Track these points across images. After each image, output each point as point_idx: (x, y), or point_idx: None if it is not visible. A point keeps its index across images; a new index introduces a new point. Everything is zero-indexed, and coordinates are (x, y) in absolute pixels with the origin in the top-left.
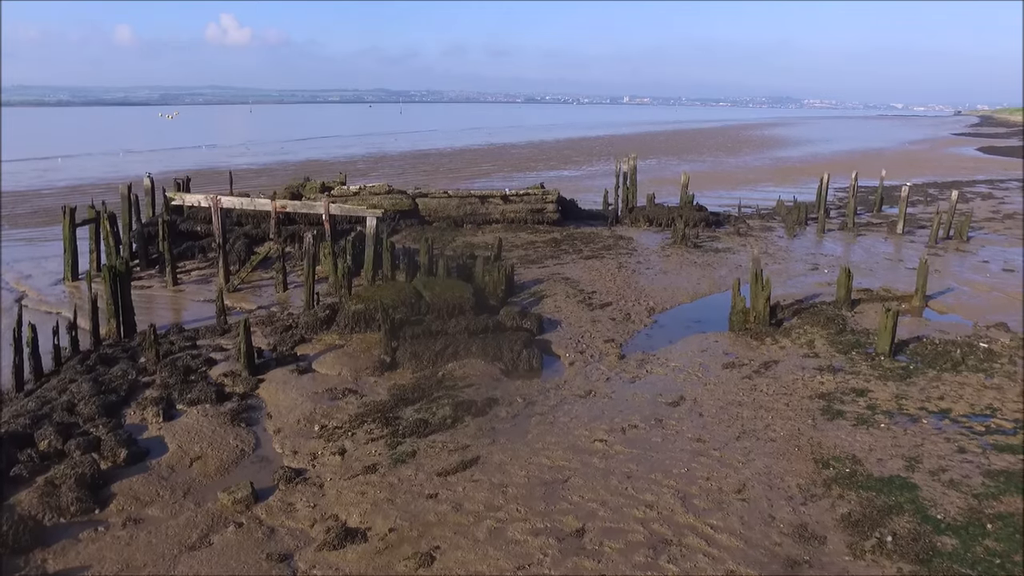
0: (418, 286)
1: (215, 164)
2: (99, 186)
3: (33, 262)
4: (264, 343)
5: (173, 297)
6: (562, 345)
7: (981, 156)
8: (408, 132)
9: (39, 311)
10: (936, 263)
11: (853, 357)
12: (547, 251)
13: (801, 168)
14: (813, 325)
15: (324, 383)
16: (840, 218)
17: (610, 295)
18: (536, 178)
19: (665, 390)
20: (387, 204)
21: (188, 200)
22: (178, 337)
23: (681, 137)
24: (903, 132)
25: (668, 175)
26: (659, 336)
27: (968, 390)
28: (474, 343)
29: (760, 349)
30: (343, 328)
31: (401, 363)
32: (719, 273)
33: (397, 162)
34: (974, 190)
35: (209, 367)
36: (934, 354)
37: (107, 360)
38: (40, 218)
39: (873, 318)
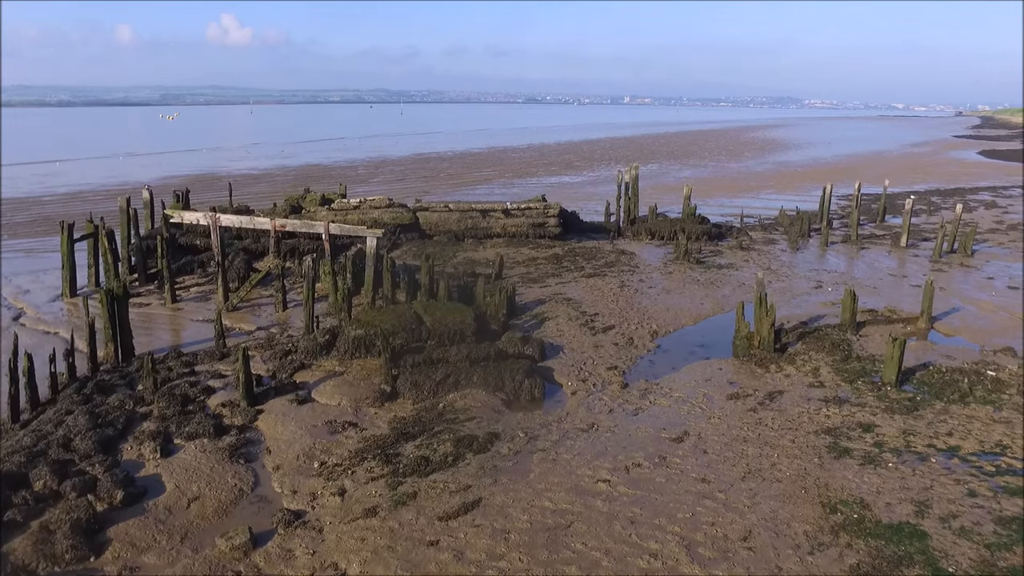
0: (419, 310)
1: (215, 168)
2: (99, 192)
3: (32, 276)
4: (263, 369)
5: (172, 316)
6: (564, 373)
7: (983, 161)
8: (408, 134)
9: (37, 330)
10: (941, 280)
11: (859, 387)
12: (549, 268)
13: (803, 173)
14: (818, 351)
15: (324, 414)
16: (843, 229)
17: (612, 317)
18: (537, 184)
19: (669, 424)
20: (387, 218)
21: (187, 218)
22: (176, 363)
23: (682, 140)
24: (904, 134)
25: (670, 181)
26: (662, 362)
27: (977, 424)
28: (475, 372)
29: (765, 378)
30: (343, 354)
31: (402, 393)
32: (722, 292)
33: (397, 167)
34: (977, 198)
35: (207, 396)
36: (941, 383)
37: (104, 388)
38: (39, 227)
39: (879, 342)
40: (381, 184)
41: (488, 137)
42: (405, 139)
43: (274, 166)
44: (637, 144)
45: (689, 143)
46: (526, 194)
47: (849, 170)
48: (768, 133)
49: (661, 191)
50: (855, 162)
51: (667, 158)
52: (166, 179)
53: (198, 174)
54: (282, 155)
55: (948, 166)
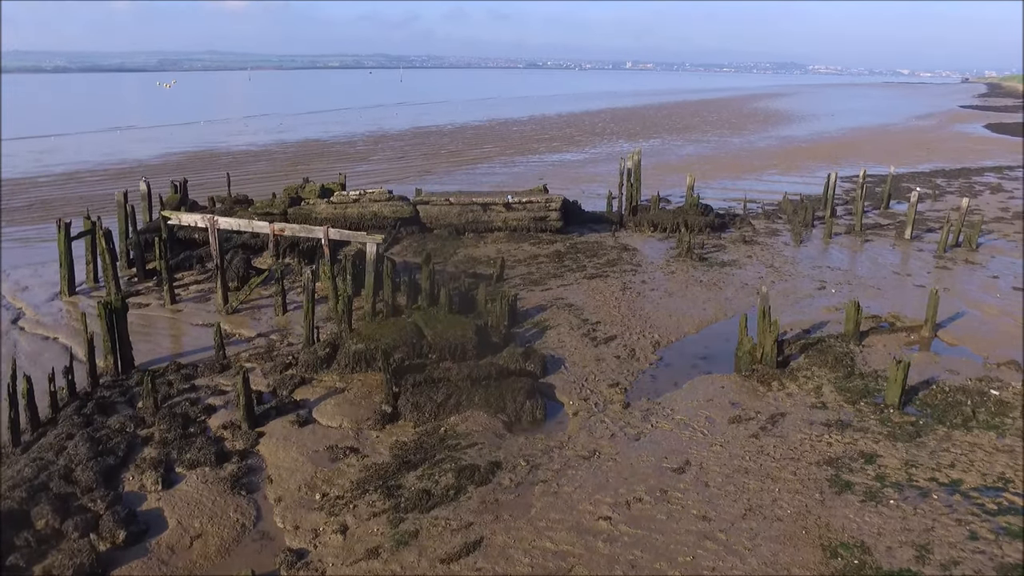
0: (419, 322)
1: (214, 144)
2: (97, 172)
3: (30, 269)
4: (264, 384)
5: (171, 320)
6: (566, 390)
7: (989, 136)
8: (408, 104)
9: (36, 334)
10: (945, 279)
11: (862, 409)
12: (550, 268)
13: (807, 150)
14: (821, 366)
15: (325, 438)
16: (847, 217)
17: (614, 325)
18: (539, 162)
19: (670, 451)
20: (388, 212)
21: (185, 220)
22: (176, 376)
23: (684, 111)
24: (909, 104)
25: (672, 159)
26: (664, 378)
27: (979, 454)
28: (476, 393)
29: (767, 397)
30: (343, 367)
31: (403, 414)
32: (725, 294)
33: (397, 143)
34: (983, 180)
35: (208, 416)
36: (944, 405)
37: (104, 407)
38: (36, 213)
39: (882, 353)
40: (381, 162)
41: (488, 107)
42: (404, 110)
43: (272, 141)
44: (639, 116)
45: (691, 115)
46: (528, 173)
47: (853, 146)
48: (771, 103)
49: (664, 171)
50: (859, 137)
51: (669, 132)
52: (164, 156)
53: (196, 151)
54: (280, 128)
55: (954, 142)
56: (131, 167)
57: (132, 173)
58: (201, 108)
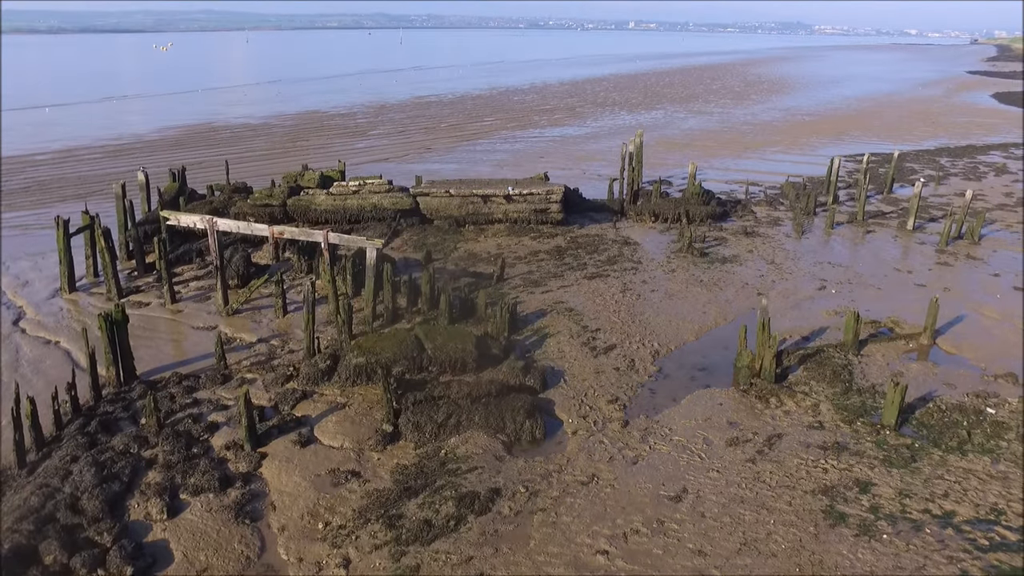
0: (419, 334)
1: (212, 117)
2: (94, 149)
3: (30, 260)
4: (265, 398)
5: (171, 323)
6: (565, 407)
7: (996, 107)
8: (407, 70)
9: (38, 338)
10: (946, 276)
11: (858, 429)
12: (550, 266)
13: (811, 125)
14: (819, 380)
15: (327, 460)
16: (850, 202)
17: (614, 333)
18: (539, 138)
19: (668, 478)
20: (387, 203)
21: (184, 221)
22: (178, 389)
23: (688, 78)
24: (916, 69)
25: (675, 134)
26: (663, 392)
27: (973, 482)
28: (477, 412)
29: (764, 415)
30: (344, 380)
31: (403, 433)
32: (725, 295)
33: (397, 114)
34: (988, 160)
35: (211, 434)
36: (941, 426)
37: (107, 425)
38: (34, 196)
39: (881, 363)
40: (381, 138)
41: (489, 74)
42: (404, 77)
43: (271, 113)
44: (642, 84)
45: (694, 82)
46: (528, 150)
47: (857, 119)
48: (775, 68)
49: (666, 147)
50: (864, 108)
51: (672, 103)
52: (162, 131)
53: (195, 124)
54: (279, 98)
55: (960, 115)
56: (129, 143)
57: (130, 149)
58: (199, 74)
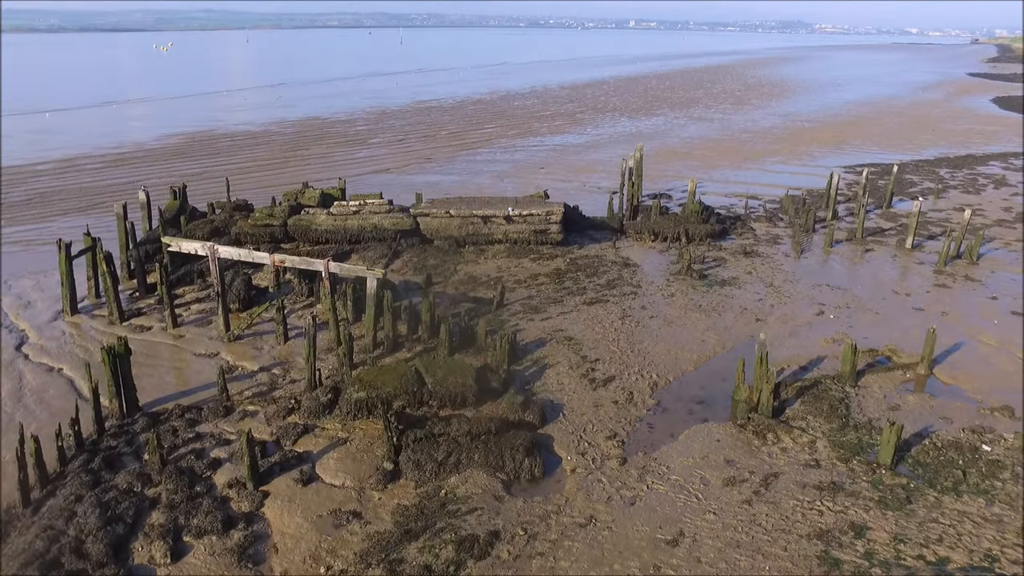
0: (420, 368)
1: (213, 123)
2: (94, 158)
3: (32, 279)
4: (267, 432)
5: (173, 349)
6: (564, 443)
7: (996, 113)
8: (408, 72)
9: (41, 365)
10: (944, 299)
11: (854, 468)
12: (550, 290)
13: (810, 133)
14: (816, 415)
15: (328, 499)
16: (849, 217)
17: (613, 363)
18: (539, 146)
19: (665, 520)
20: (388, 223)
21: (185, 247)
22: (180, 423)
23: (688, 81)
24: (916, 71)
25: (675, 143)
26: (661, 427)
27: (968, 525)
28: (476, 450)
29: (761, 453)
30: (345, 415)
31: (404, 472)
32: (724, 321)
33: (397, 121)
34: (987, 171)
35: (214, 471)
36: (936, 464)
37: (111, 461)
38: (36, 209)
39: (878, 395)
40: (380, 146)
41: (490, 77)
42: (405, 80)
43: (272, 120)
44: (642, 87)
45: (695, 85)
46: (528, 160)
47: (857, 126)
48: (775, 70)
49: (666, 157)
50: (864, 114)
51: (672, 108)
52: (163, 139)
53: (195, 131)
54: (280, 103)
55: (960, 121)
56: (129, 151)
57: (131, 159)
58: (199, 76)
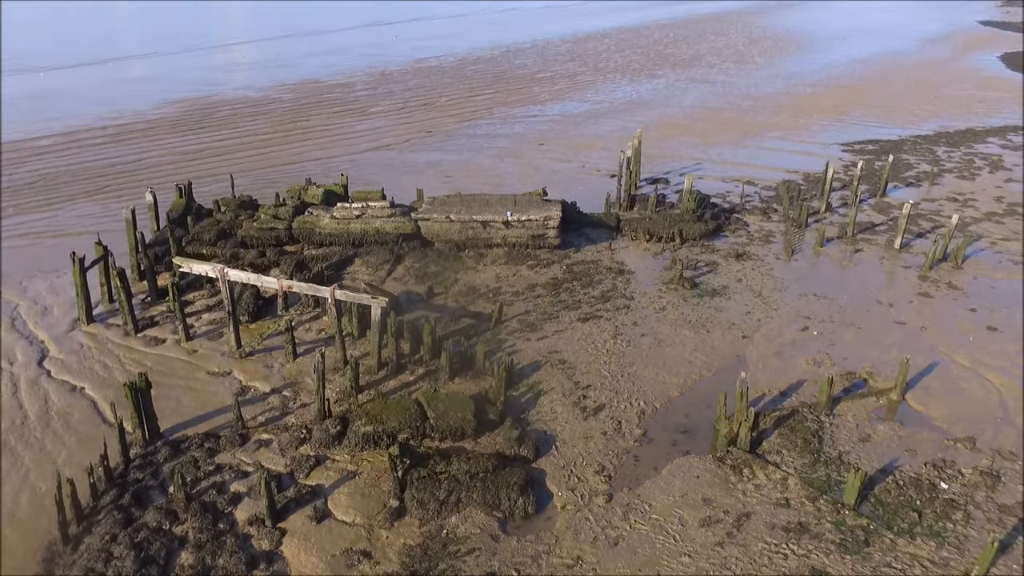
0: (422, 401)
1: (211, 87)
2: (95, 131)
3: (46, 281)
4: (281, 463)
5: (188, 366)
6: (555, 479)
7: (1001, 75)
8: (406, 21)
9: (63, 382)
10: (925, 311)
11: (820, 508)
12: (546, 304)
13: (812, 100)
14: (791, 449)
15: (340, 537)
16: (842, 208)
17: (604, 390)
18: (539, 117)
19: (645, 562)
20: (390, 227)
21: (196, 269)
22: (200, 452)
23: (692, 32)
24: (924, 21)
25: (675, 114)
26: (646, 459)
27: (917, 570)
28: (475, 488)
29: (737, 490)
30: (353, 446)
31: (409, 509)
32: (712, 339)
33: (397, 85)
34: (985, 151)
35: (235, 507)
36: (896, 504)
37: (139, 497)
38: (42, 195)
39: (851, 425)
40: (381, 117)
41: (492, 26)
42: (404, 32)
43: (270, 84)
44: (644, 41)
45: (698, 38)
46: (528, 132)
47: (859, 92)
48: (782, 19)
49: (666, 132)
50: (868, 74)
51: (673, 67)
52: (161, 107)
53: (195, 98)
54: (278, 62)
55: (963, 85)
56: (129, 123)
57: (131, 132)
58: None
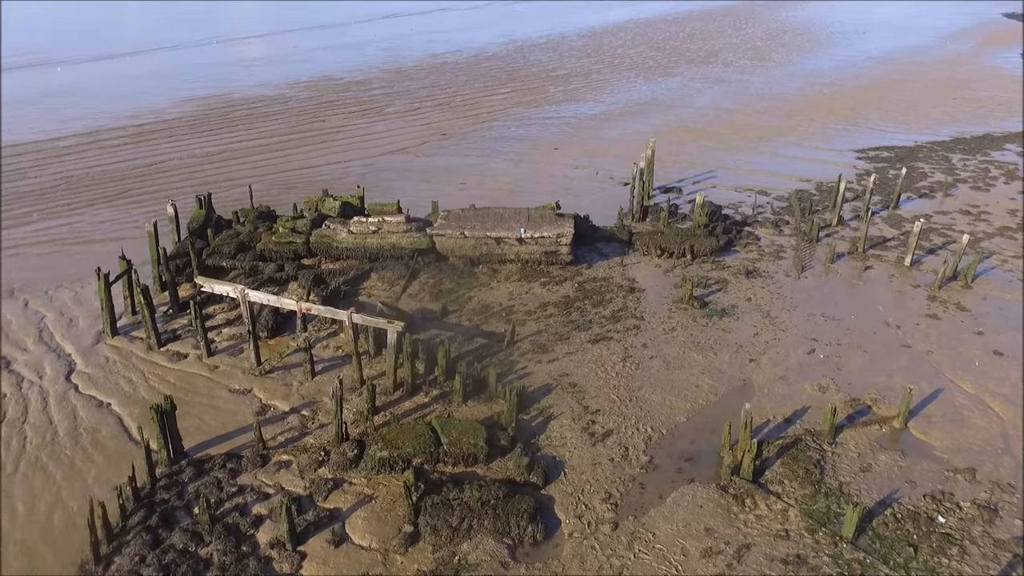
0: (436, 427)
1: (228, 85)
2: (115, 131)
3: (71, 290)
4: (300, 485)
5: (209, 383)
6: (563, 506)
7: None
8: (419, 13)
9: (90, 398)
10: (932, 334)
11: (819, 540)
12: (558, 324)
13: (828, 101)
14: (792, 479)
15: (357, 563)
16: (854, 220)
17: (612, 415)
18: (554, 118)
19: None
20: (405, 243)
21: (218, 289)
22: (223, 473)
23: (708, 26)
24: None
25: (690, 115)
26: (652, 486)
27: None
28: (486, 515)
29: (738, 521)
30: (370, 470)
31: (423, 535)
32: (719, 361)
33: (412, 83)
34: (1002, 158)
35: (256, 529)
36: (893, 538)
37: (166, 518)
38: (64, 199)
39: (853, 454)
40: (396, 118)
41: (506, 19)
42: (419, 24)
43: (286, 82)
44: (660, 36)
45: (715, 32)
46: (543, 135)
47: (876, 93)
48: (801, 12)
49: (680, 136)
50: (885, 73)
51: (689, 64)
52: (180, 106)
53: (211, 96)
54: (294, 56)
55: (982, 86)
56: (148, 122)
57: (150, 133)
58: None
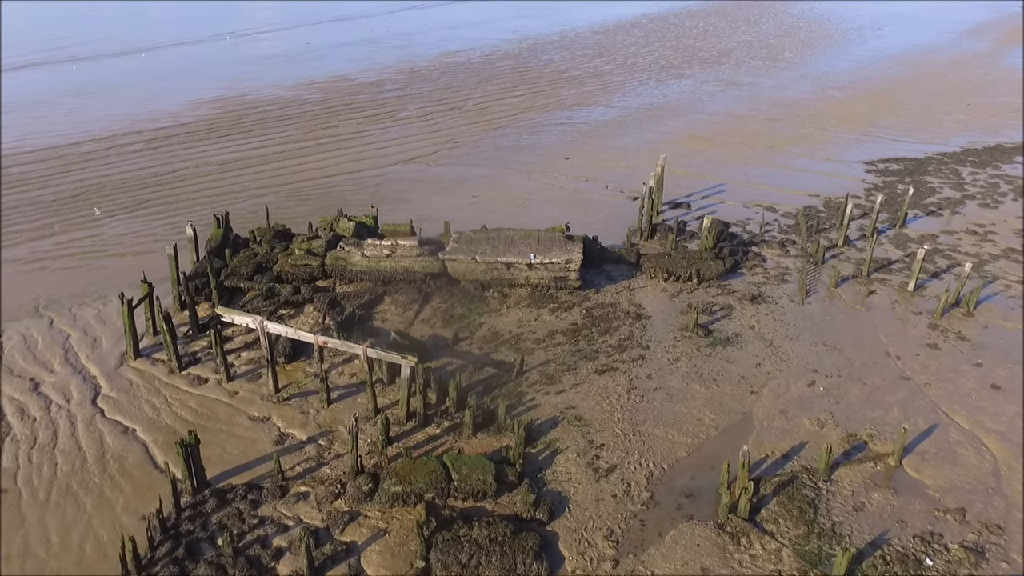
0: (447, 463)
1: (243, 84)
2: (131, 136)
3: (94, 308)
4: (318, 517)
5: (230, 411)
6: (567, 543)
7: None
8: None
9: (116, 423)
10: (931, 366)
11: None
12: (566, 353)
13: (840, 106)
14: (787, 518)
15: None
16: (860, 241)
17: (616, 450)
18: (566, 125)
19: None
20: (418, 267)
21: (237, 320)
22: (244, 504)
23: (722, 22)
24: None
25: (700, 122)
26: (652, 523)
27: None
28: (494, 552)
29: (733, 560)
30: (384, 503)
31: (434, 570)
32: (722, 393)
33: (425, 85)
34: (1012, 172)
35: (277, 562)
36: None
37: (191, 549)
38: (84, 208)
39: (847, 493)
40: (408, 124)
41: (520, 13)
42: (433, 18)
43: (299, 82)
44: (673, 33)
45: (729, 29)
46: (555, 144)
47: (889, 97)
48: (816, 6)
49: (690, 145)
50: (899, 75)
51: (701, 65)
52: (196, 109)
53: (226, 98)
54: (308, 54)
55: (998, 90)
56: (165, 126)
57: (168, 138)
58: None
